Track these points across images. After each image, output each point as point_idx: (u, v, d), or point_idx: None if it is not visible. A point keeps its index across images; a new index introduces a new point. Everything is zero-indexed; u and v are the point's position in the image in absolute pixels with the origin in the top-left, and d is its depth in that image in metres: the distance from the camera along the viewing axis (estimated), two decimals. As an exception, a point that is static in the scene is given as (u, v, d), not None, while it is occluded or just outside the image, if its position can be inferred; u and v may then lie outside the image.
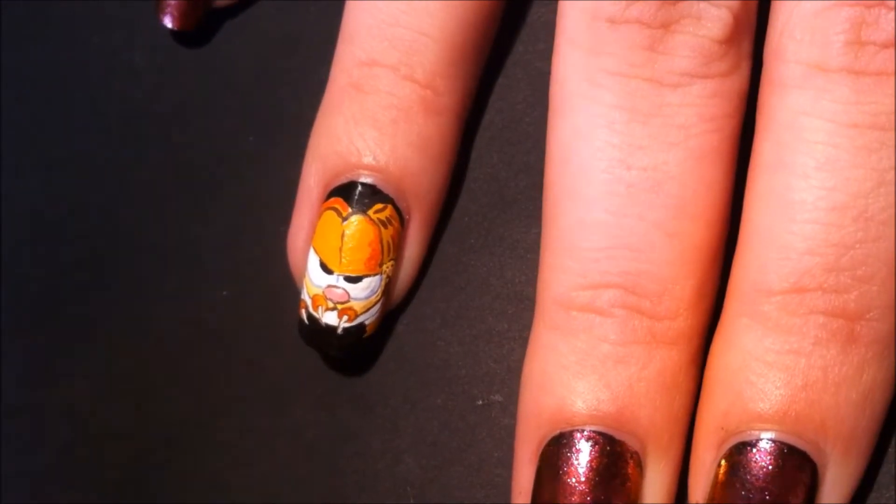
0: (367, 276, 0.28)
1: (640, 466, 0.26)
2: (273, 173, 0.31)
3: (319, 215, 0.28)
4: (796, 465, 0.25)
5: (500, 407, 0.29)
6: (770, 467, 0.25)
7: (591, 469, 0.25)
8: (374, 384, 0.30)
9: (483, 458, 0.29)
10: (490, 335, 0.29)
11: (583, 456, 0.25)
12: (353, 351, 0.29)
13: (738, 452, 0.25)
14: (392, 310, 0.30)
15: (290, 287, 0.29)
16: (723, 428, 0.25)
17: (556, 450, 0.26)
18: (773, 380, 0.25)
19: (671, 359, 0.26)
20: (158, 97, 0.33)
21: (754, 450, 0.25)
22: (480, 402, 0.29)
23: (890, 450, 0.27)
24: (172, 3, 0.32)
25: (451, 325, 0.30)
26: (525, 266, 0.30)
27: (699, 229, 0.26)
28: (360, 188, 0.28)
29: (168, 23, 0.32)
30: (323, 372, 0.30)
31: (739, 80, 0.26)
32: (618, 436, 0.25)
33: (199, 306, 0.31)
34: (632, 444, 0.26)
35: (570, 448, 0.26)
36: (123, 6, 0.34)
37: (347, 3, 0.29)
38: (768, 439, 0.25)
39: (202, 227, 0.32)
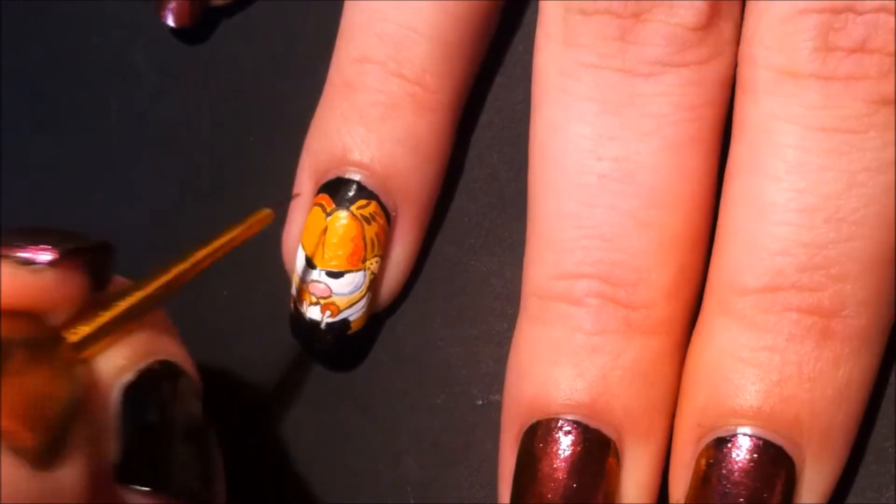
0: (349, 271, 0.28)
1: (617, 455, 0.26)
2: (273, 173, 0.31)
3: (308, 212, 0.29)
4: (772, 460, 0.25)
5: (499, 407, 0.29)
6: (746, 462, 0.25)
7: (566, 458, 0.26)
8: (374, 384, 0.30)
9: (483, 458, 0.29)
10: (490, 335, 0.29)
11: (558, 445, 0.26)
12: (339, 347, 0.29)
13: (715, 448, 0.25)
14: (387, 309, 0.30)
15: (289, 286, 0.29)
16: (699, 424, 0.25)
17: (532, 439, 0.26)
18: (747, 376, 0.25)
19: (649, 347, 0.26)
20: (159, 97, 0.33)
21: (730, 445, 0.25)
22: (480, 402, 0.29)
23: (890, 450, 0.27)
24: (173, 1, 0.32)
25: (452, 326, 0.30)
26: (525, 266, 0.30)
27: (676, 218, 0.26)
28: (344, 184, 0.28)
29: (169, 21, 0.32)
30: (323, 372, 0.30)
31: (720, 68, 0.26)
32: (592, 424, 0.26)
33: (199, 306, 0.31)
34: (607, 432, 0.26)
35: (546, 437, 0.26)
36: (123, 6, 0.34)
37: (345, 2, 0.29)
38: (744, 434, 0.25)
39: (202, 228, 0.32)
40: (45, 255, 0.22)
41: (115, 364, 0.23)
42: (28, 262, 0.22)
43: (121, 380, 0.23)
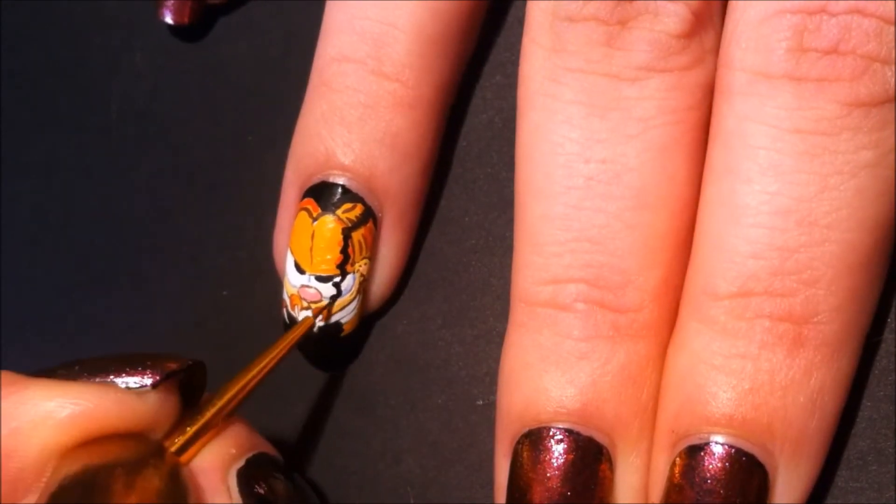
0: (338, 275, 0.28)
1: (610, 461, 0.26)
2: (273, 173, 0.31)
3: (295, 216, 0.29)
4: (745, 467, 0.25)
5: (499, 408, 0.29)
6: (719, 470, 0.25)
7: (559, 466, 0.26)
8: (374, 384, 0.30)
9: (483, 458, 0.29)
10: (491, 335, 0.30)
11: (550, 453, 0.26)
12: (333, 350, 0.29)
13: (688, 455, 0.25)
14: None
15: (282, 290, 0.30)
16: (673, 431, 0.26)
17: (524, 448, 0.26)
18: (720, 383, 0.25)
19: (637, 351, 0.26)
20: (158, 97, 0.33)
21: (703, 453, 0.25)
22: (481, 402, 0.29)
23: (890, 450, 0.27)
24: (171, -1, 0.33)
25: (452, 326, 0.30)
26: (525, 266, 0.30)
27: (662, 219, 0.26)
28: (329, 188, 0.29)
29: (167, 18, 0.32)
30: (323, 372, 0.30)
31: (703, 74, 0.27)
32: (584, 431, 0.26)
33: (199, 306, 0.31)
34: (599, 438, 0.26)
35: (538, 446, 0.26)
36: (123, 6, 0.34)
37: (326, 2, 0.29)
38: (716, 442, 0.25)
39: (202, 227, 0.32)
40: (146, 379, 0.25)
41: (227, 453, 0.26)
42: (133, 388, 0.25)
43: (233, 466, 0.26)
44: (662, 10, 0.26)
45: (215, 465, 0.26)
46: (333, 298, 0.29)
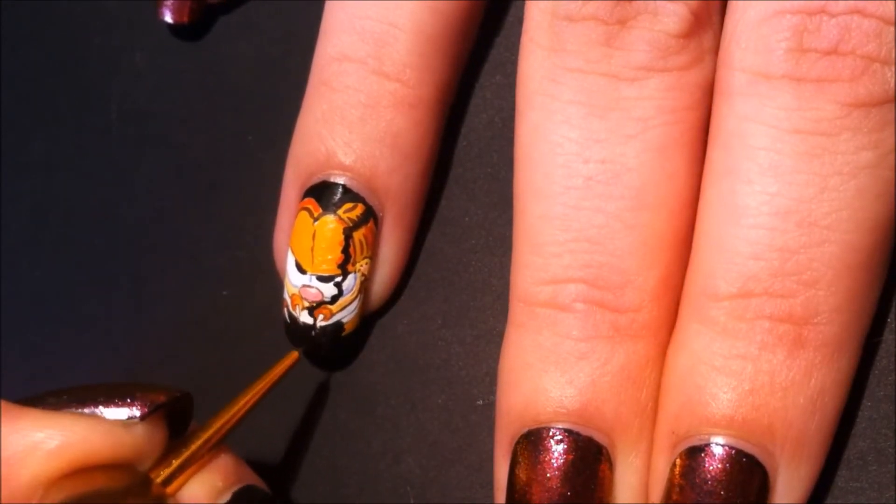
0: (339, 275, 0.28)
1: (609, 461, 0.26)
2: (273, 173, 0.31)
3: (296, 216, 0.29)
4: (746, 468, 0.25)
5: (499, 408, 0.29)
6: (719, 471, 0.25)
7: (558, 466, 0.26)
8: (374, 384, 0.30)
9: (483, 458, 0.29)
10: (491, 335, 0.30)
11: (549, 453, 0.26)
12: (334, 349, 0.29)
13: (688, 456, 0.25)
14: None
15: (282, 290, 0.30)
16: (674, 432, 0.26)
17: (524, 448, 0.26)
18: (720, 384, 0.25)
19: (636, 352, 0.26)
20: (158, 97, 0.33)
21: (703, 454, 0.25)
22: (481, 402, 0.29)
23: (890, 450, 0.27)
24: (171, -2, 0.33)
25: (452, 326, 0.30)
26: (525, 266, 0.30)
27: (661, 219, 0.26)
28: (329, 188, 0.29)
29: (167, 17, 0.32)
30: (323, 372, 0.30)
31: (701, 74, 0.27)
32: (584, 432, 0.26)
33: (199, 306, 0.31)
34: (599, 439, 0.26)
35: (537, 446, 0.26)
36: (123, 6, 0.34)
37: (326, 2, 0.29)
38: (717, 443, 0.25)
39: (202, 227, 0.32)
40: (135, 411, 0.26)
41: (214, 486, 0.27)
42: (121, 419, 0.26)
43: (220, 499, 0.27)
44: (662, 9, 0.26)
45: (202, 497, 0.26)
46: (334, 298, 0.29)
